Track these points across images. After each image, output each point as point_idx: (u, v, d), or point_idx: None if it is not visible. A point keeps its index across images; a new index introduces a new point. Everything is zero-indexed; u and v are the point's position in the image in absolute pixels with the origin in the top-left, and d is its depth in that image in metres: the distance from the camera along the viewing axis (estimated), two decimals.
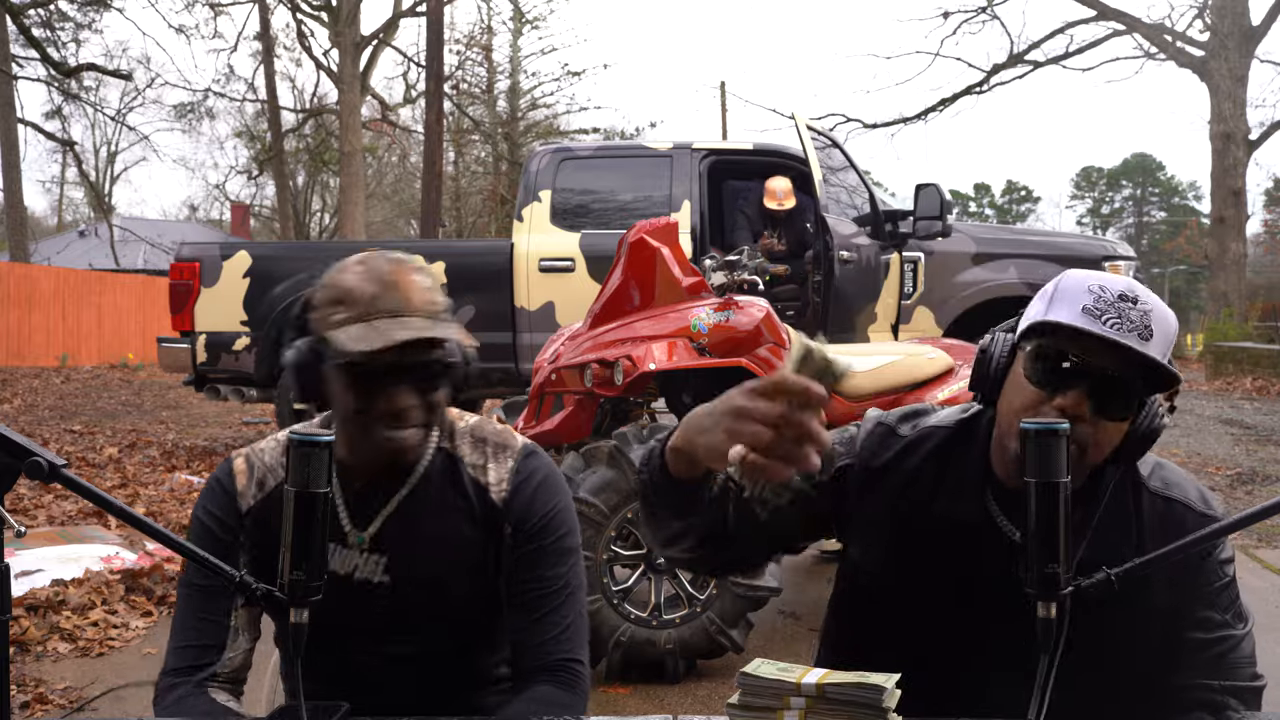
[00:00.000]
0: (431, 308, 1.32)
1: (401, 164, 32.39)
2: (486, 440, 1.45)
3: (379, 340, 1.25)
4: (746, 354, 3.30)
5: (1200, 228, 41.59)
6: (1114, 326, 1.15)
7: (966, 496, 1.29)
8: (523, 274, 6.28)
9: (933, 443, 1.35)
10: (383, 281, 1.30)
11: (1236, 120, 18.77)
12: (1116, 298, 1.17)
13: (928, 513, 1.31)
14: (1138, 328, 1.16)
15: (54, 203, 45.53)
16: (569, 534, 1.44)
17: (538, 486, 1.43)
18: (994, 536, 1.28)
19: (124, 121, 30.87)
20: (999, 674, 1.20)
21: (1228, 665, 1.25)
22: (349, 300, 1.30)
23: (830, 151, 5.98)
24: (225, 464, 1.45)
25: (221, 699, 1.35)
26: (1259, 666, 1.28)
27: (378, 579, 1.40)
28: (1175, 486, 1.29)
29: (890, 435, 1.37)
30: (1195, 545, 1.09)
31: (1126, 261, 6.08)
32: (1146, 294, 1.19)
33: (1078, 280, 1.21)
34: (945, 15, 21.94)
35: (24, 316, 17.23)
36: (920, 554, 1.31)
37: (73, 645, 3.38)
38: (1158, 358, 1.16)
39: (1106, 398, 1.17)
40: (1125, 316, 1.16)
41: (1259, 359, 14.08)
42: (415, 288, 1.32)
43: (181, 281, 6.64)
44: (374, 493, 1.40)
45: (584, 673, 1.40)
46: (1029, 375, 1.20)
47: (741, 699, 1.04)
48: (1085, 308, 1.17)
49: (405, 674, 1.43)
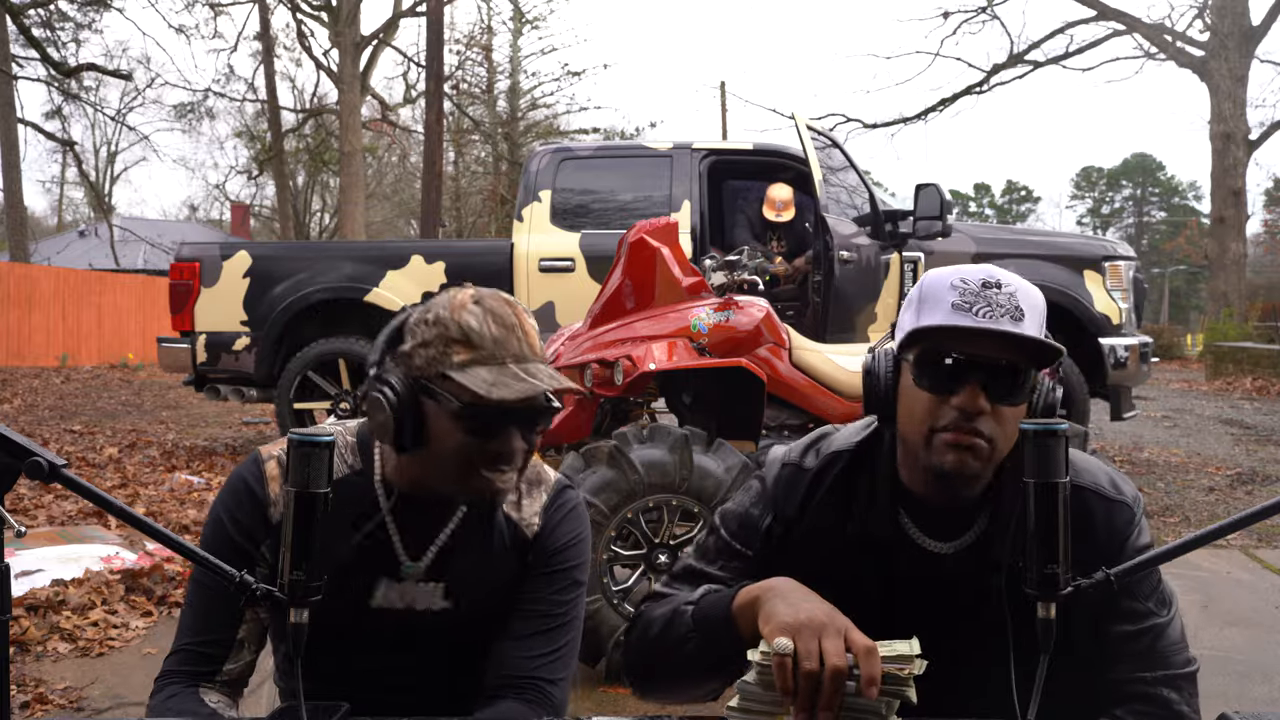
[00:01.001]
0: (543, 352, 1.34)
1: (401, 164, 32.41)
2: (523, 475, 1.45)
3: (519, 389, 1.25)
4: (746, 354, 3.30)
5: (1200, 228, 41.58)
6: (986, 315, 1.16)
7: (878, 515, 1.29)
8: (523, 274, 6.28)
9: (837, 468, 1.34)
10: (505, 325, 1.29)
11: (1236, 120, 18.77)
12: (980, 287, 1.19)
13: (841, 537, 1.30)
14: (1008, 310, 1.17)
15: (54, 203, 45.60)
16: (580, 567, 1.45)
17: (564, 517, 1.45)
18: (911, 552, 1.28)
19: (124, 121, 30.95)
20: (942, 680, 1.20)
21: (1158, 654, 1.24)
22: (471, 342, 1.27)
23: (830, 151, 5.98)
24: (254, 465, 1.39)
25: (212, 699, 1.33)
26: (1259, 667, 1.28)
27: (439, 605, 1.41)
28: (1084, 474, 1.28)
29: (797, 473, 1.36)
30: (1195, 546, 1.09)
31: (1126, 261, 6.08)
32: (1007, 276, 1.20)
33: (939, 280, 1.22)
34: (945, 15, 21.96)
35: (24, 316, 17.23)
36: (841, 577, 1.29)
37: (73, 645, 3.38)
38: (1035, 334, 1.17)
39: (999, 386, 1.18)
40: (993, 303, 1.17)
41: (1259, 359, 14.08)
42: (532, 332, 1.32)
43: (181, 281, 6.64)
44: (426, 525, 1.40)
45: (555, 699, 1.38)
46: (919, 383, 1.21)
47: (741, 703, 1.04)
48: (954, 304, 1.18)
49: (404, 684, 1.43)
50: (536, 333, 1.34)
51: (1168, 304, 49.67)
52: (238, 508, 1.36)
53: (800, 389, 3.42)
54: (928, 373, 1.20)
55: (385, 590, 1.39)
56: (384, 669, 1.42)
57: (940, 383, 1.19)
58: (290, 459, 1.05)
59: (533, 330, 1.33)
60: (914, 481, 1.28)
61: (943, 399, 1.19)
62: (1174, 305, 50.84)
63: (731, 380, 3.33)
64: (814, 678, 0.98)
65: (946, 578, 1.26)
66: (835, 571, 1.28)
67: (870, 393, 1.27)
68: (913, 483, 1.28)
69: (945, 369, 1.19)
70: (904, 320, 1.26)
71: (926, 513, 1.28)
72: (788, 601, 1.08)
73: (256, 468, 1.38)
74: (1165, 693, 1.22)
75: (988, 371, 1.17)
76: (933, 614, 1.24)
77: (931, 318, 1.19)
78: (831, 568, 1.29)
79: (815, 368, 3.45)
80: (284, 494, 1.34)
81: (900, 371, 1.25)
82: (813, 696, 0.98)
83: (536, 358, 1.31)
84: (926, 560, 1.27)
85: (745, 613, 1.14)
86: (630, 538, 3.08)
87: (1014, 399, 1.19)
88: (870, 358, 1.28)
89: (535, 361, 1.31)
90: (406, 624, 1.40)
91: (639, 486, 2.98)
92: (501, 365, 1.27)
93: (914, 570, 1.27)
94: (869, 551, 1.29)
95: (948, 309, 1.18)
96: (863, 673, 0.98)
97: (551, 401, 1.32)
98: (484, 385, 1.24)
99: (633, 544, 3.09)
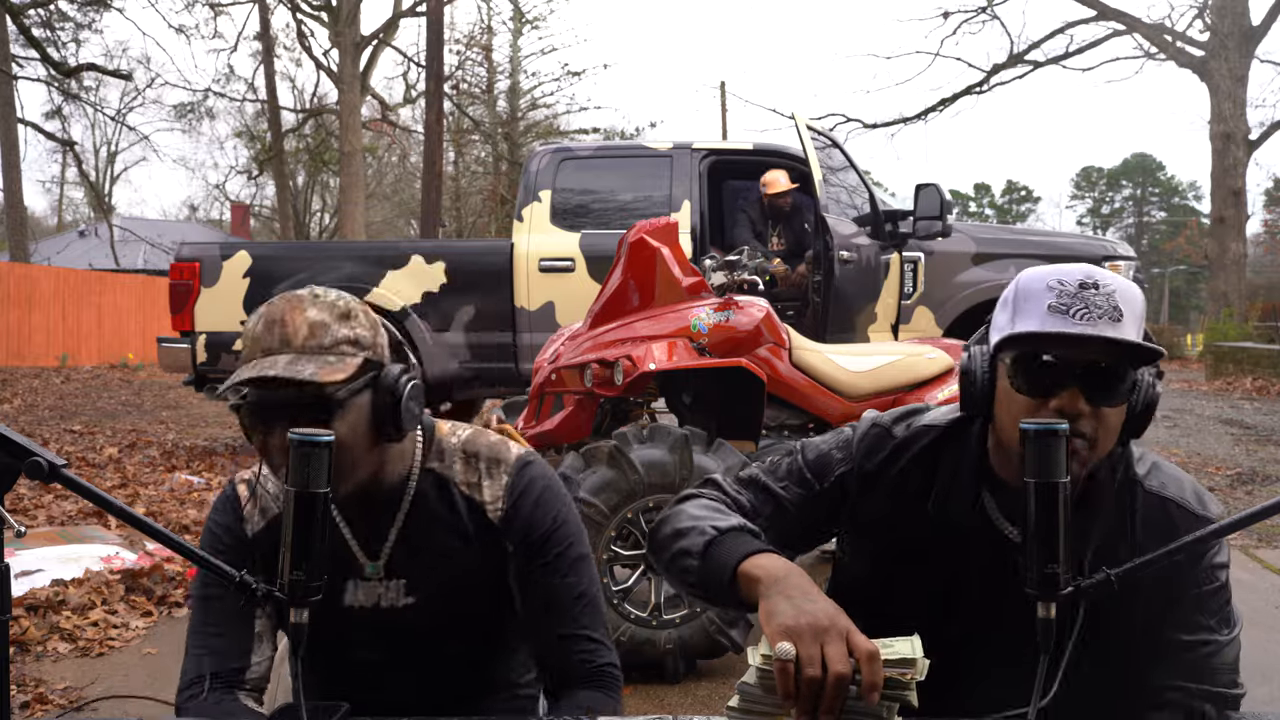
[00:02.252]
0: (311, 342, 1.25)
1: (401, 164, 32.40)
2: (479, 455, 1.42)
3: (232, 381, 1.24)
4: (746, 354, 3.30)
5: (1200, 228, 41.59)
6: (1084, 318, 1.14)
7: (961, 496, 1.29)
8: (523, 274, 6.28)
9: (925, 440, 1.34)
10: (270, 320, 1.26)
11: (1236, 120, 18.76)
12: (1078, 288, 1.16)
13: (921, 512, 1.30)
14: (1107, 312, 1.15)
15: (54, 203, 45.59)
16: (575, 543, 1.42)
17: (536, 500, 1.40)
18: (989, 536, 1.28)
19: (124, 121, 30.94)
20: (997, 672, 1.19)
21: (1208, 670, 1.24)
22: (245, 341, 1.29)
23: (830, 151, 5.98)
24: (230, 486, 1.45)
25: (251, 704, 1.35)
26: (1259, 667, 1.28)
27: (403, 602, 1.40)
28: (1171, 485, 1.28)
29: (885, 436, 1.36)
30: (1195, 545, 1.09)
31: (1126, 261, 6.08)
32: (1106, 275, 1.18)
33: (1036, 280, 1.20)
34: (945, 15, 21.94)
35: (24, 316, 17.23)
36: (912, 554, 1.30)
37: (73, 645, 3.38)
38: (1135, 337, 1.15)
39: (1099, 388, 1.16)
40: (1092, 304, 1.15)
41: (1259, 359, 14.08)
42: (300, 324, 1.25)
43: (181, 281, 6.64)
44: (374, 523, 1.40)
45: (619, 674, 1.42)
46: (1018, 388, 1.19)
47: (741, 704, 1.03)
48: (1051, 306, 1.16)
49: (409, 681, 1.43)
50: (318, 325, 1.26)
51: (1168, 304, 49.67)
52: (220, 521, 1.42)
53: (800, 389, 3.42)
54: (1026, 376, 1.18)
55: (353, 590, 1.40)
56: (366, 669, 1.42)
57: (1038, 388, 1.17)
58: (290, 459, 1.05)
59: (307, 323, 1.26)
60: (1005, 470, 1.26)
61: (1041, 402, 1.17)
62: (1174, 305, 50.84)
63: (731, 380, 3.32)
64: (816, 683, 0.97)
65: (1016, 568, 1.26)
66: (907, 543, 1.29)
67: (966, 393, 1.25)
68: (1003, 471, 1.27)
69: (1043, 373, 1.17)
70: (999, 320, 1.24)
71: (1012, 499, 1.26)
72: (791, 601, 1.06)
73: (231, 488, 1.45)
74: (1205, 707, 1.23)
75: (1087, 374, 1.15)
76: (1000, 602, 1.23)
77: (1028, 321, 1.17)
78: (904, 539, 1.29)
79: (815, 368, 3.45)
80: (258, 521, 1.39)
81: (996, 372, 1.23)
82: (814, 701, 0.98)
83: (290, 350, 1.24)
84: (1004, 547, 1.25)
85: (748, 584, 1.14)
86: (630, 538, 3.08)
87: (1113, 400, 1.17)
88: (966, 358, 1.26)
89: (285, 352, 1.24)
90: (376, 623, 1.40)
91: (639, 486, 2.98)
92: (249, 361, 1.26)
93: (989, 555, 1.26)
94: (945, 530, 1.28)
95: (1044, 311, 1.16)
96: (864, 678, 0.98)
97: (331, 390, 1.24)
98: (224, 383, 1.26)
99: (633, 544, 3.09)
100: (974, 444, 1.30)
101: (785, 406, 3.53)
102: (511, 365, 6.34)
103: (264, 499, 1.41)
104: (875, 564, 1.34)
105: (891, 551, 1.31)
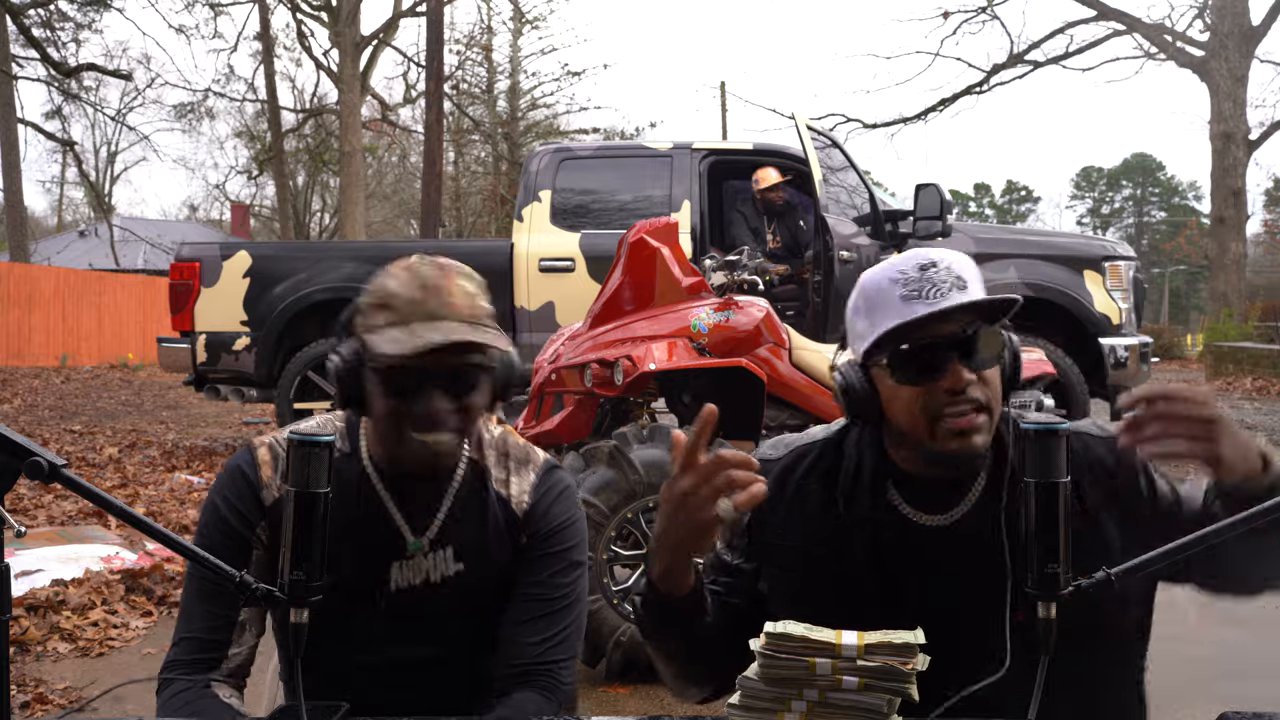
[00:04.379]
0: (473, 312, 1.30)
1: (401, 164, 32.39)
2: (510, 454, 1.47)
3: (411, 344, 1.24)
4: (746, 354, 3.30)
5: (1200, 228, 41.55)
6: (935, 295, 1.19)
7: (862, 493, 1.30)
8: (523, 274, 6.28)
9: (812, 455, 1.36)
10: (424, 286, 1.29)
11: (1236, 120, 18.76)
12: (919, 271, 1.21)
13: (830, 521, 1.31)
14: (953, 284, 1.20)
15: (54, 203, 45.56)
16: (576, 548, 1.45)
17: (556, 498, 1.45)
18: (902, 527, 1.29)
19: (124, 121, 30.92)
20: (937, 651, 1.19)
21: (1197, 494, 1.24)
22: (391, 304, 1.29)
23: (830, 151, 5.98)
24: (247, 452, 1.41)
25: (224, 694, 1.34)
26: (1259, 666, 1.27)
27: (454, 569, 1.41)
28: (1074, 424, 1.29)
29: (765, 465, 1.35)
30: (1195, 546, 1.09)
31: (1126, 261, 6.08)
32: (936, 253, 1.24)
33: (878, 279, 1.25)
34: (945, 15, 21.93)
35: (24, 316, 17.23)
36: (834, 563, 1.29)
37: (73, 645, 3.38)
38: (984, 296, 1.21)
39: (974, 354, 1.21)
40: (937, 281, 1.20)
41: (1259, 359, 14.07)
42: (458, 292, 1.30)
43: (181, 281, 6.64)
44: (424, 501, 1.41)
45: (566, 681, 1.40)
46: (902, 380, 1.23)
47: (742, 700, 1.03)
48: (902, 297, 1.21)
49: (412, 679, 1.43)
50: (472, 296, 1.31)
51: (1168, 304, 49.68)
52: (231, 491, 1.39)
53: (800, 389, 3.42)
54: (907, 368, 1.22)
55: (399, 571, 1.40)
56: (411, 657, 1.42)
57: (922, 373, 1.21)
58: (290, 459, 1.05)
59: (463, 292, 1.30)
60: (911, 463, 1.28)
61: (930, 385, 1.21)
62: (1174, 305, 50.86)
63: (731, 380, 3.32)
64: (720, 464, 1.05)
65: (944, 552, 1.27)
66: (828, 555, 1.30)
67: (854, 404, 1.28)
68: (909, 463, 1.29)
69: (922, 358, 1.21)
70: (859, 328, 1.27)
71: (917, 488, 1.29)
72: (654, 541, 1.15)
73: (249, 454, 1.41)
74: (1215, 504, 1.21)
75: (958, 344, 1.20)
76: (933, 591, 1.25)
77: (888, 317, 1.21)
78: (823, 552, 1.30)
79: (815, 368, 3.45)
80: (280, 486, 1.37)
81: (873, 377, 1.26)
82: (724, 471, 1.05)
83: (456, 316, 1.28)
84: (921, 534, 1.27)
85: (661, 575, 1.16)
86: (630, 538, 3.08)
87: (991, 361, 1.23)
88: (839, 376, 1.29)
89: (451, 320, 1.28)
90: (426, 601, 1.40)
91: (639, 486, 2.98)
92: (410, 325, 1.27)
93: (907, 545, 1.27)
94: (858, 530, 1.29)
95: (898, 303, 1.21)
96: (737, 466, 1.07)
97: (479, 360, 1.30)
98: (389, 344, 1.26)
99: (633, 544, 3.09)
100: (866, 445, 1.32)
101: (785, 406, 3.53)
102: None
103: (284, 463, 1.41)
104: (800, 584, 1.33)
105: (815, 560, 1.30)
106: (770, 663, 1.00)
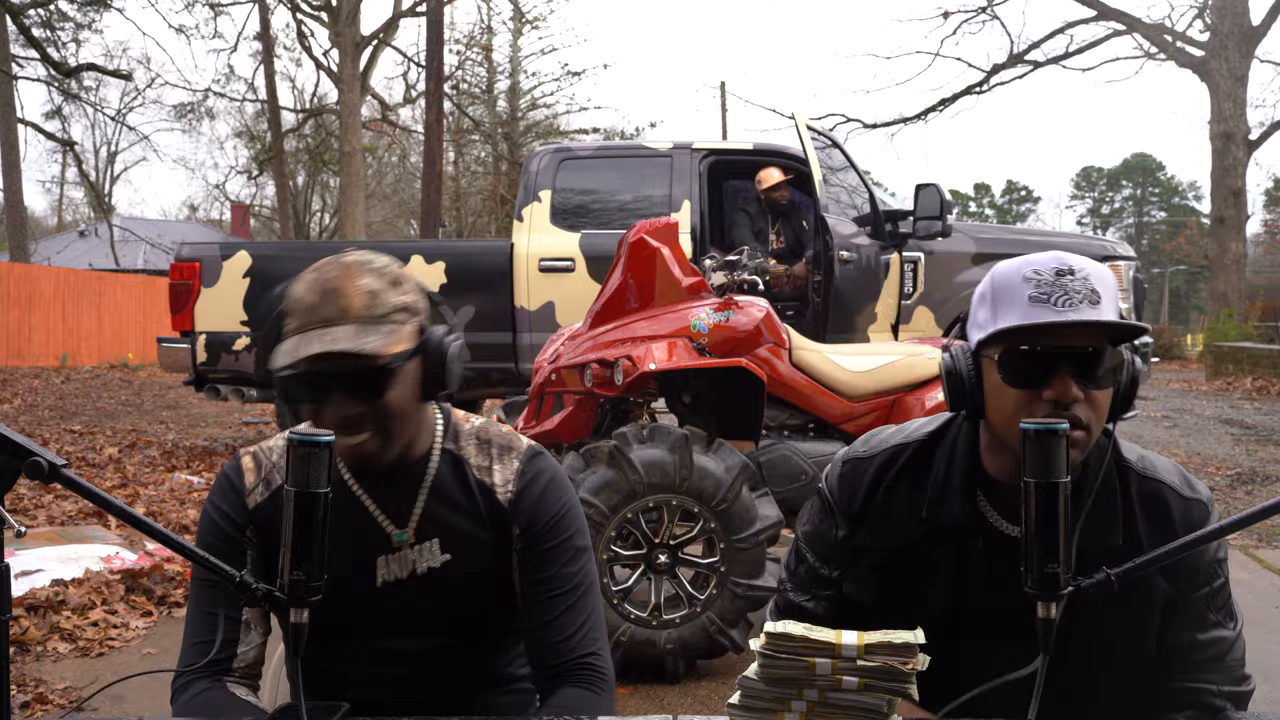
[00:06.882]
0: (372, 312, 1.28)
1: (401, 164, 32.39)
2: (491, 442, 1.46)
3: (294, 355, 1.24)
4: (746, 354, 3.30)
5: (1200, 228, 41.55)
6: (1065, 304, 1.16)
7: (951, 500, 1.29)
8: (523, 274, 6.28)
9: (906, 455, 1.34)
10: (324, 290, 1.28)
11: (1236, 120, 18.77)
12: (1055, 276, 1.18)
13: (916, 525, 1.30)
14: (1086, 296, 1.16)
15: (54, 203, 45.59)
16: (578, 533, 1.44)
17: (545, 487, 1.43)
18: (990, 536, 1.28)
19: (124, 121, 30.97)
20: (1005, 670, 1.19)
21: (1224, 667, 1.25)
22: (293, 310, 1.29)
23: (830, 151, 5.98)
24: (234, 460, 1.45)
25: (241, 693, 1.36)
26: (1259, 667, 1.28)
27: (440, 560, 1.41)
28: (1161, 468, 1.29)
29: (859, 464, 1.36)
30: (1194, 545, 1.09)
31: (1126, 261, 6.08)
32: (1078, 260, 1.20)
33: (1011, 273, 1.21)
34: (945, 15, 21.93)
35: (24, 316, 17.23)
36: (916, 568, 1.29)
37: (73, 645, 3.38)
38: (1115, 318, 1.16)
39: (1088, 373, 1.17)
40: (1070, 290, 1.16)
41: (1259, 359, 14.08)
42: (355, 293, 1.28)
43: (181, 281, 6.64)
44: (399, 497, 1.41)
45: (605, 668, 1.40)
46: (1009, 382, 1.19)
47: (743, 699, 1.03)
48: (1031, 298, 1.17)
49: (409, 674, 1.43)
50: (373, 295, 1.28)
51: (1168, 304, 49.67)
52: (220, 498, 1.42)
53: (800, 389, 3.42)
54: (1016, 369, 1.19)
55: (385, 565, 1.40)
56: (410, 649, 1.42)
57: (1030, 379, 1.18)
58: (290, 459, 1.05)
59: (362, 292, 1.28)
60: (1000, 470, 1.27)
61: (1035, 393, 1.18)
62: (1174, 305, 50.85)
63: (731, 380, 3.32)
64: None
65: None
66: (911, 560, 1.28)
67: (956, 393, 1.25)
68: (999, 470, 1.27)
69: (1033, 363, 1.17)
70: (980, 318, 1.24)
71: (1007, 497, 1.27)
72: None
73: (235, 461, 1.44)
74: (1228, 708, 1.23)
75: (1075, 359, 1.16)
76: (1005, 600, 1.22)
77: (1011, 314, 1.18)
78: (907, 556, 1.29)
79: (815, 368, 3.45)
80: (261, 491, 1.39)
81: (981, 369, 1.23)
82: None
83: (351, 320, 1.26)
84: (1008, 545, 1.25)
85: None
86: (630, 538, 3.08)
87: (1104, 382, 1.19)
88: (949, 358, 1.26)
89: (345, 324, 1.26)
90: (414, 595, 1.40)
91: (639, 486, 2.98)
92: (305, 333, 1.26)
93: (993, 555, 1.26)
94: (944, 537, 1.28)
95: (1025, 303, 1.17)
96: None
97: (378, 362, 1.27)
98: (281, 355, 1.26)
99: (633, 544, 3.09)
100: (962, 446, 1.30)
101: (785, 406, 3.53)
102: (511, 365, 6.34)
103: (267, 468, 1.42)
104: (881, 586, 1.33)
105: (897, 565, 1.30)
106: (770, 663, 1.00)
